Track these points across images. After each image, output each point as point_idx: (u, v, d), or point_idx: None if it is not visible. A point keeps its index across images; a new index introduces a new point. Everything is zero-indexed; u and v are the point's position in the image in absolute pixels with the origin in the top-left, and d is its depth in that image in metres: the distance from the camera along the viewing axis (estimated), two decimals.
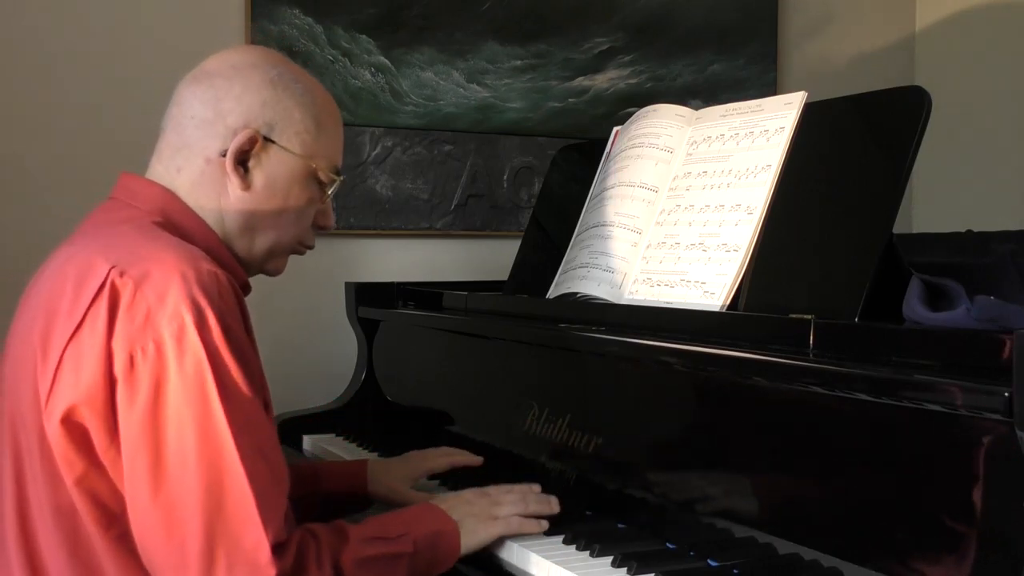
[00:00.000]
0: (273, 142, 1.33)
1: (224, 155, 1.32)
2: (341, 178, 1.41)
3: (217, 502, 1.15)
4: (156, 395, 1.15)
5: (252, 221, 1.35)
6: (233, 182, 1.32)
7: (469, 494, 1.45)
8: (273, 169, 1.34)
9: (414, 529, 1.34)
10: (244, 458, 1.16)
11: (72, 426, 1.17)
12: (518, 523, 1.40)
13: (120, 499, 1.19)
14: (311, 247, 1.44)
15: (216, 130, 1.32)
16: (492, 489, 1.47)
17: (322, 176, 1.38)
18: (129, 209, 1.32)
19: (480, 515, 1.40)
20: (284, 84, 1.35)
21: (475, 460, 1.69)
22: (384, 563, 1.29)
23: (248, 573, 1.15)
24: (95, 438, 1.17)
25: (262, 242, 1.37)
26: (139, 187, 1.35)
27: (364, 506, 1.65)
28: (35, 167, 2.27)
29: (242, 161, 1.33)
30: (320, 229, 1.44)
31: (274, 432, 1.25)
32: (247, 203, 1.34)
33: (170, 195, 1.33)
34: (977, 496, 1.01)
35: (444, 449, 1.72)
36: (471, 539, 1.38)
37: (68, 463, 1.18)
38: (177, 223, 1.31)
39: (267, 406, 1.26)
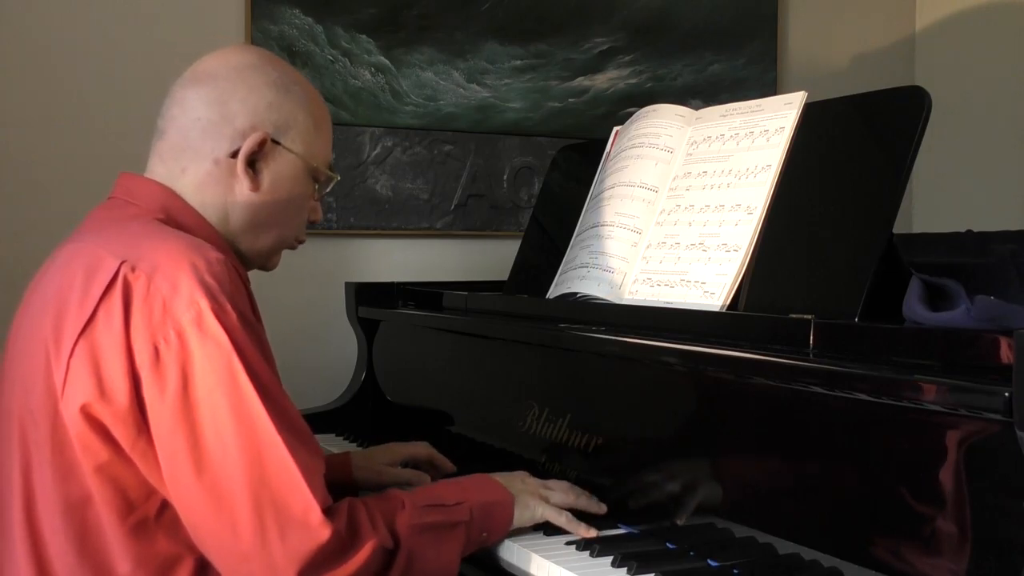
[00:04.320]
0: (279, 144, 1.37)
1: (233, 156, 1.35)
2: (337, 176, 1.48)
3: (260, 474, 1.18)
4: (185, 381, 1.18)
5: (258, 219, 1.39)
6: (243, 183, 1.36)
7: (520, 473, 1.47)
8: (280, 169, 1.38)
9: (471, 497, 1.36)
10: (280, 430, 1.19)
11: (92, 417, 1.19)
12: (567, 520, 1.40)
13: (145, 488, 1.21)
14: (303, 242, 1.49)
15: (224, 132, 1.35)
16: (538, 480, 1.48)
17: (320, 174, 1.44)
18: (131, 207, 1.35)
19: (534, 493, 1.42)
20: (286, 87, 1.39)
21: (450, 466, 1.70)
22: (441, 531, 1.31)
23: (302, 536, 1.18)
24: (118, 434, 1.19)
25: (266, 239, 1.42)
26: (139, 186, 1.37)
27: (351, 495, 1.65)
28: (34, 167, 2.27)
29: (251, 162, 1.36)
30: (310, 224, 1.49)
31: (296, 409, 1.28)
32: (254, 202, 1.38)
33: (170, 192, 1.36)
34: (977, 496, 1.01)
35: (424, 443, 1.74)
36: (524, 513, 1.40)
37: (90, 450, 1.20)
38: (179, 220, 1.34)
39: None
